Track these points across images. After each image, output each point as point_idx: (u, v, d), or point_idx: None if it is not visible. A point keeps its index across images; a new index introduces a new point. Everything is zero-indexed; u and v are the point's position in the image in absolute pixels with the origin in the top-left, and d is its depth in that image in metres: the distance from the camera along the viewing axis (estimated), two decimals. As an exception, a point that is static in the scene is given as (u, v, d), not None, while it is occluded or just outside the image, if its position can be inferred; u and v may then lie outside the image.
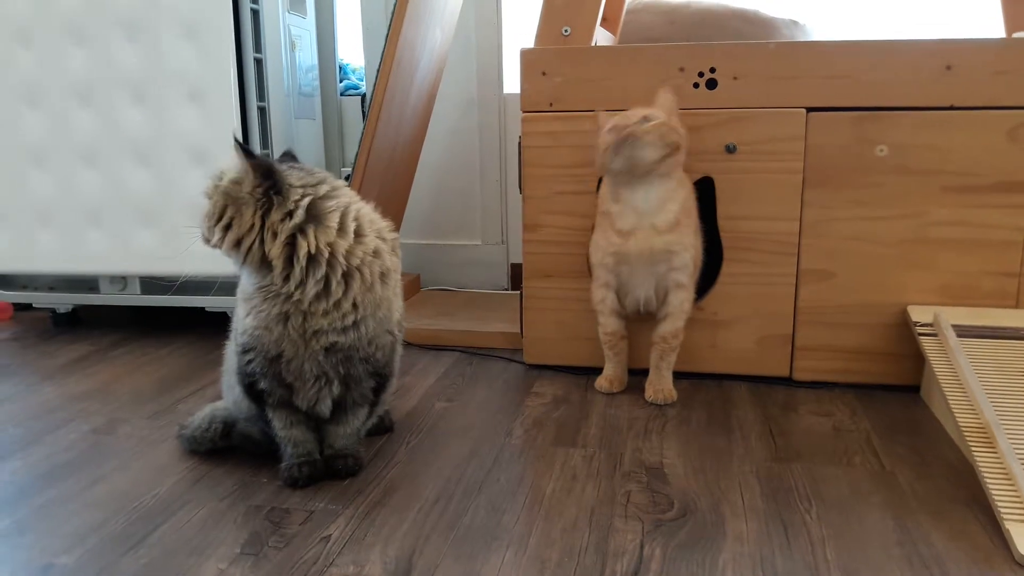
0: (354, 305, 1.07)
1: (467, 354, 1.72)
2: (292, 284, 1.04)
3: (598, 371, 1.51)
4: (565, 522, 1.00)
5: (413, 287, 2.20)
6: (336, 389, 1.10)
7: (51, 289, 1.95)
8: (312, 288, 1.04)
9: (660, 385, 1.43)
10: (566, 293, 1.56)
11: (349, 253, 1.06)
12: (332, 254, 1.05)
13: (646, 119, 1.32)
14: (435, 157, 2.29)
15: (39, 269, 1.87)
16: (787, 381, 1.51)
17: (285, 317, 1.05)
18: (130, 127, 1.75)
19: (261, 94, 1.78)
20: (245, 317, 1.08)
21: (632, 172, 1.34)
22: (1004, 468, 1.02)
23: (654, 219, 1.36)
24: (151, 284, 1.88)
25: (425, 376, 1.57)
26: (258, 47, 1.76)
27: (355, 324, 1.08)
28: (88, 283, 1.92)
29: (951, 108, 1.38)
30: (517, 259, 2.26)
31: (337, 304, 1.06)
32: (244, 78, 1.74)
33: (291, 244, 1.04)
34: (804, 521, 1.00)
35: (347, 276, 1.06)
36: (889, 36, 1.41)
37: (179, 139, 1.74)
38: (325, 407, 1.11)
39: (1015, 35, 1.73)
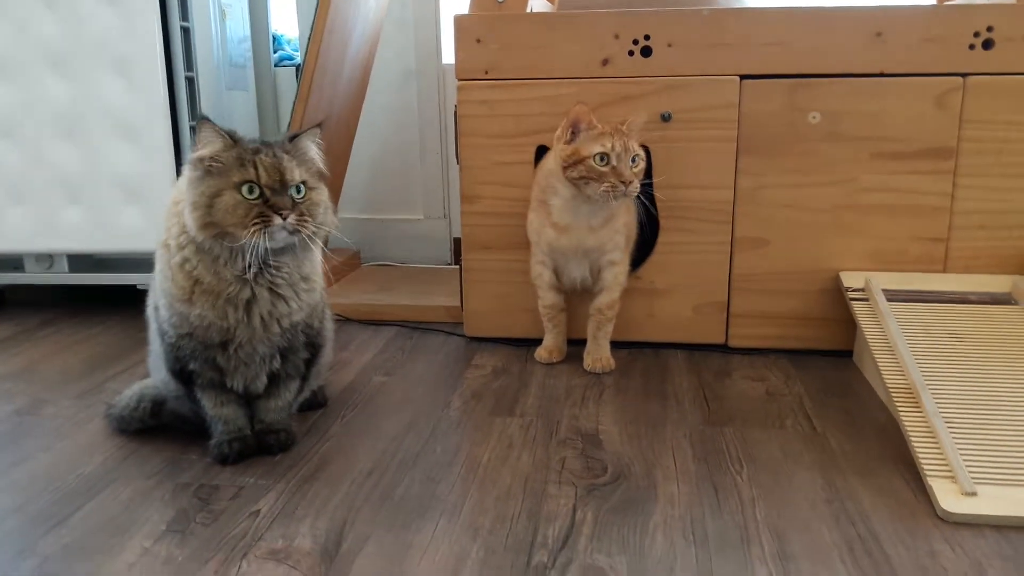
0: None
1: (407, 328, 1.70)
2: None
3: (538, 342, 1.50)
4: (500, 490, 1.00)
5: (353, 263, 2.17)
6: (276, 363, 1.08)
7: (-29, 269, 1.88)
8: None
9: (598, 354, 1.43)
10: (506, 265, 1.55)
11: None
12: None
13: (635, 166, 1.29)
14: (373, 130, 2.25)
15: (-42, 248, 1.79)
16: (723, 348, 1.52)
17: (248, 303, 1.01)
18: (51, 99, 1.68)
19: (189, 64, 1.72)
20: (181, 305, 1.01)
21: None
22: (929, 427, 1.05)
23: (590, 219, 1.36)
24: (79, 261, 1.81)
25: (363, 351, 1.55)
26: (185, 15, 1.70)
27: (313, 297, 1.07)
28: (13, 262, 1.85)
29: (881, 75, 1.40)
30: (460, 233, 2.24)
31: (306, 278, 1.05)
32: (171, 48, 1.68)
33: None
34: (735, 483, 1.01)
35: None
36: (821, 3, 1.41)
37: (104, 111, 1.67)
38: (262, 383, 1.09)
39: (947, 3, 1.76)
